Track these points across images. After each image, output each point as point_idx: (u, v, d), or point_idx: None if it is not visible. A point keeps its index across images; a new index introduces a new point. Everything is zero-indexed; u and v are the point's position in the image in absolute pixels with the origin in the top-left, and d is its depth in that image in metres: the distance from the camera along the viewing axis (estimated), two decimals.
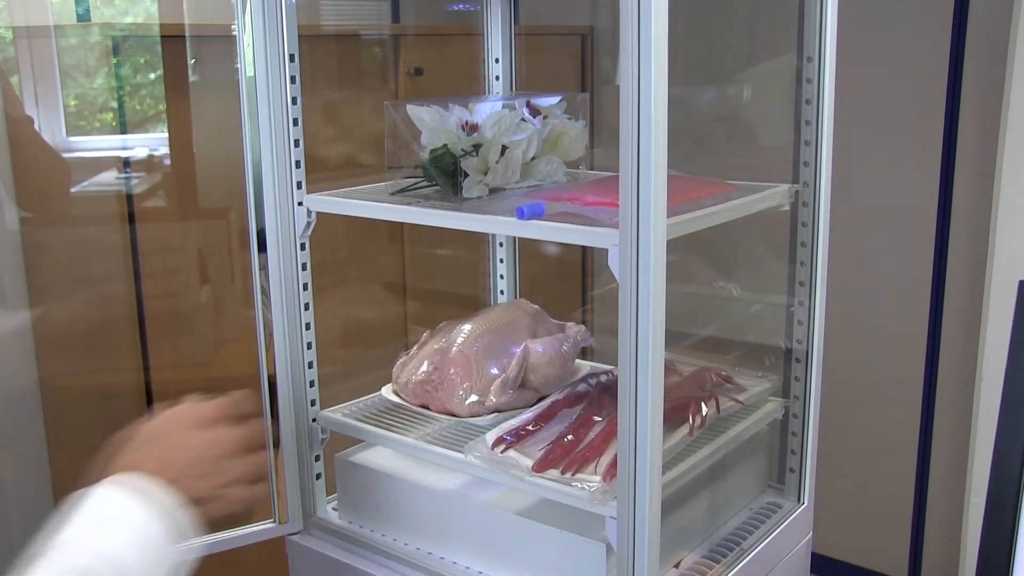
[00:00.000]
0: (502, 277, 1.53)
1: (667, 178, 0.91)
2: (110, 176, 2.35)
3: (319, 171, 1.29)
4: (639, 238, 0.92)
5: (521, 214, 1.02)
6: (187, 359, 2.42)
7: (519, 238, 1.52)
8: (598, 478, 1.05)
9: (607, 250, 0.95)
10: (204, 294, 2.49)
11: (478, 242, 1.62)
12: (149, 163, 2.41)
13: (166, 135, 2.39)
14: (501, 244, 1.52)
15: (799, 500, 1.31)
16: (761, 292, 1.58)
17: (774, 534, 1.24)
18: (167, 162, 2.40)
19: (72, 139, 2.42)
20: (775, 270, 1.58)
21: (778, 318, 1.38)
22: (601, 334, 3.02)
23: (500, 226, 1.06)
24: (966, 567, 2.29)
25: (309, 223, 1.22)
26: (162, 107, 2.45)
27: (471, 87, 1.83)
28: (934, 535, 2.56)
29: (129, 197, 2.28)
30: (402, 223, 2.71)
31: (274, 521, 1.28)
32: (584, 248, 3.08)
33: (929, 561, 2.59)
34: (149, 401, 2.28)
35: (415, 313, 2.76)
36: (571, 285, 3.04)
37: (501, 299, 1.54)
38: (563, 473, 1.07)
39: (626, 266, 0.93)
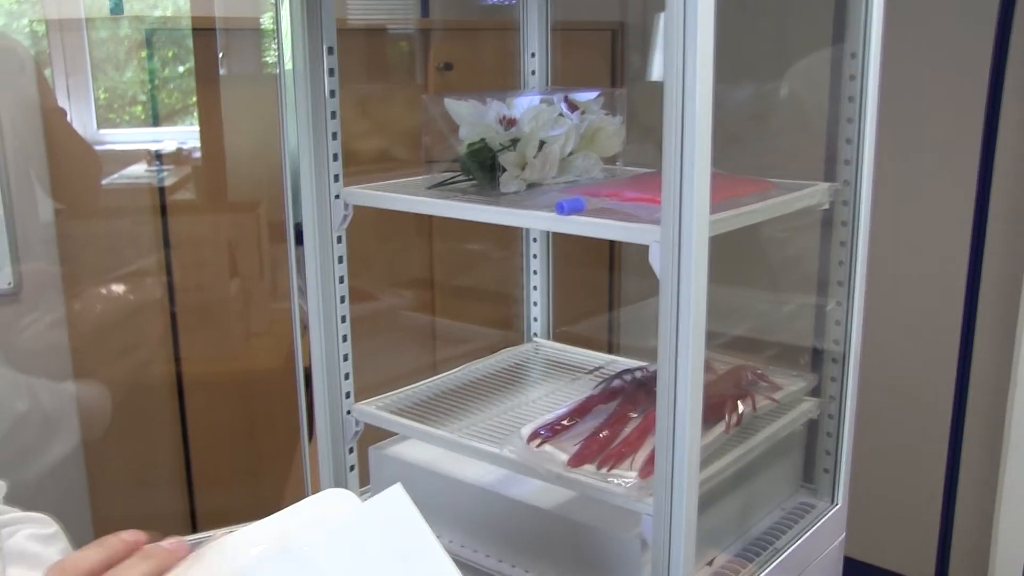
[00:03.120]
0: (535, 272, 1.53)
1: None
2: (139, 169, 2.36)
3: (349, 165, 1.30)
4: (681, 235, 0.91)
5: (561, 209, 1.02)
6: (217, 352, 2.44)
7: (553, 234, 1.52)
8: (634, 474, 1.04)
9: (647, 247, 0.95)
10: (233, 287, 2.50)
11: (511, 237, 1.62)
12: (178, 156, 2.43)
13: (195, 128, 2.40)
14: (535, 239, 1.52)
15: (833, 501, 1.30)
16: (795, 291, 1.57)
17: (807, 534, 1.23)
18: (196, 155, 2.41)
19: (102, 131, 2.44)
20: (810, 269, 1.57)
21: (813, 317, 1.38)
22: (630, 329, 3.02)
23: (539, 221, 1.06)
24: (995, 572, 2.27)
25: (346, 216, 1.22)
26: (191, 100, 2.47)
27: (502, 82, 1.83)
28: (962, 539, 2.54)
29: (161, 190, 2.30)
30: (431, 218, 2.72)
31: None
32: (612, 243, 3.07)
33: (956, 565, 2.57)
34: (180, 393, 2.29)
35: (444, 307, 2.77)
36: (598, 279, 3.04)
37: (533, 295, 1.54)
38: (599, 468, 1.07)
39: (667, 263, 0.92)
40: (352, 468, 1.29)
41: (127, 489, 2.49)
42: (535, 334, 1.55)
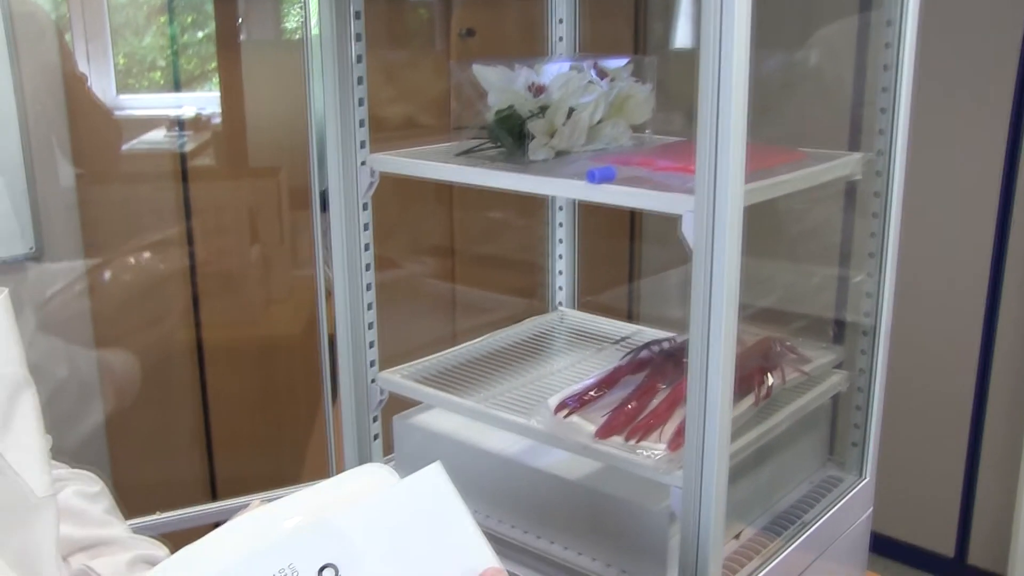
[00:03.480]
0: (561, 241, 1.51)
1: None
2: (159, 135, 2.35)
3: (373, 132, 1.28)
4: (715, 205, 0.90)
5: (592, 177, 1.01)
6: (237, 318, 2.44)
7: (580, 202, 1.51)
8: (663, 446, 1.04)
9: (674, 216, 0.94)
10: (253, 253, 2.49)
11: (536, 205, 1.61)
12: (197, 122, 2.42)
13: (214, 94, 2.38)
14: (561, 208, 1.50)
15: (861, 475, 1.29)
16: (822, 263, 1.55)
17: (835, 508, 1.22)
18: (215, 121, 2.40)
19: (122, 97, 2.43)
20: (837, 240, 1.55)
21: (842, 290, 1.36)
22: (653, 299, 3.00)
23: (570, 189, 1.05)
24: (1019, 544, 2.26)
25: (372, 183, 1.21)
26: (210, 66, 2.45)
27: (524, 49, 1.80)
28: (983, 515, 2.53)
29: (182, 155, 2.29)
30: (451, 185, 2.71)
31: None
32: (633, 212, 3.05)
33: (977, 540, 2.57)
34: (200, 360, 2.29)
35: (466, 276, 2.76)
36: (619, 248, 3.02)
37: (559, 263, 1.53)
38: (627, 440, 1.06)
39: (701, 233, 0.91)
40: (376, 437, 1.29)
41: (147, 455, 2.50)
42: (560, 303, 1.54)
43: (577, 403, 1.12)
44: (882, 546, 2.64)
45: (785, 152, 1.13)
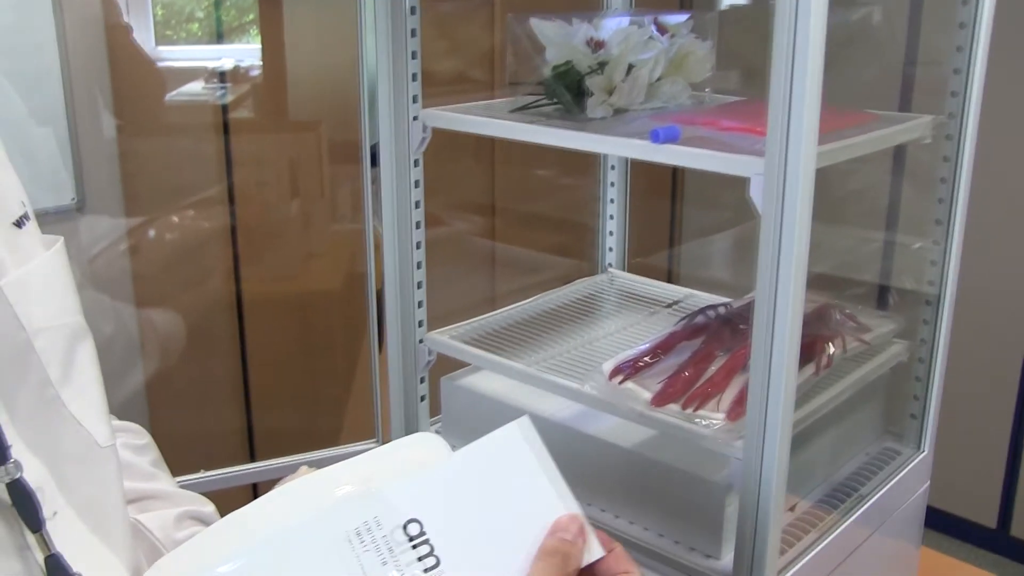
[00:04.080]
0: (612, 201, 1.48)
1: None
2: (197, 87, 2.33)
3: (423, 86, 1.25)
4: (787, 167, 0.86)
5: (656, 137, 0.97)
6: (276, 272, 2.42)
7: (632, 162, 1.47)
8: (721, 415, 1.01)
9: (726, 177, 0.90)
10: (294, 207, 2.48)
11: (586, 164, 1.57)
12: (236, 74, 2.39)
13: (253, 46, 2.36)
14: (612, 167, 1.47)
15: (919, 448, 1.26)
16: (884, 229, 1.51)
17: (892, 482, 1.19)
18: (254, 73, 2.37)
19: (160, 48, 2.40)
20: (903, 206, 1.51)
21: (903, 257, 1.32)
22: (701, 262, 2.96)
23: (632, 149, 1.01)
24: None
25: (424, 139, 1.18)
26: (247, 18, 2.42)
27: (576, 2, 1.75)
28: None
29: (223, 107, 2.27)
30: (493, 142, 2.67)
31: (377, 441, 1.26)
32: (675, 172, 3.00)
33: (1021, 510, 2.53)
34: (240, 313, 2.29)
35: (513, 235, 2.73)
36: (660, 209, 2.98)
37: (609, 224, 1.49)
38: (683, 408, 1.03)
39: (771, 197, 0.87)
40: (423, 398, 1.27)
41: (185, 407, 2.51)
42: (610, 264, 1.50)
43: (632, 369, 1.09)
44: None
45: (855, 114, 1.09)
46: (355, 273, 2.50)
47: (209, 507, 0.90)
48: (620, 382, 1.07)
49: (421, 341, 1.24)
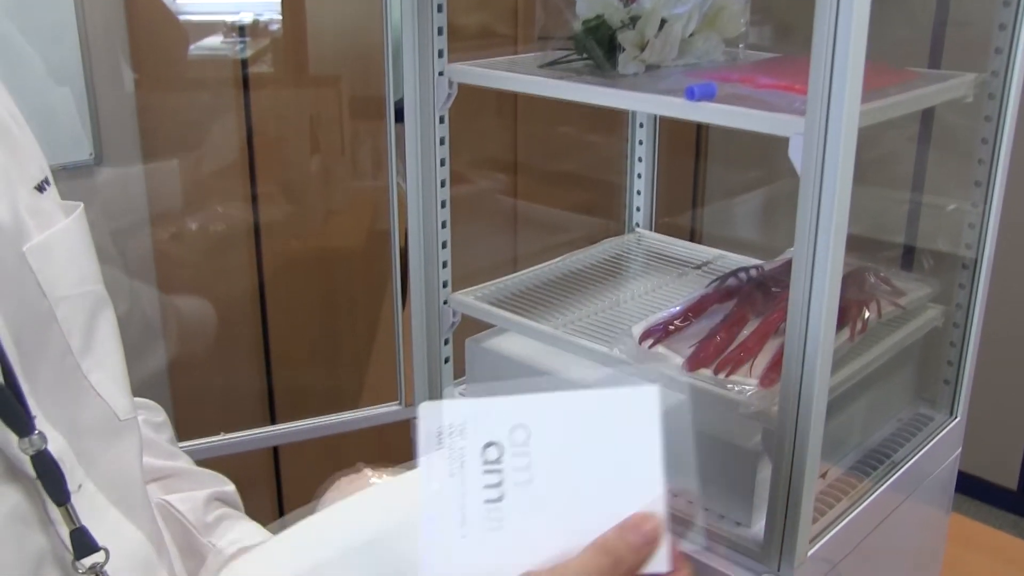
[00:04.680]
0: (640, 160, 1.45)
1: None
2: (216, 40, 2.30)
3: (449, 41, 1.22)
4: (828, 126, 0.83)
5: (691, 95, 0.94)
6: (296, 230, 2.40)
7: (661, 119, 1.44)
8: (754, 381, 0.99)
9: (764, 137, 0.87)
10: (314, 164, 2.45)
11: (612, 122, 1.54)
12: (255, 28, 2.36)
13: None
14: (641, 125, 1.43)
15: (951, 414, 1.23)
16: (918, 191, 1.48)
17: (925, 448, 1.17)
18: (274, 27, 2.34)
19: (179, 1, 2.37)
20: (937, 167, 1.47)
21: (939, 219, 1.29)
22: (728, 222, 2.92)
23: (667, 107, 0.98)
24: None
25: (450, 95, 1.15)
26: None
27: None
28: None
29: (242, 62, 2.24)
30: (515, 98, 2.63)
31: (399, 404, 1.25)
32: (699, 130, 2.96)
33: None
34: (260, 272, 2.27)
35: (538, 194, 2.69)
36: (683, 168, 2.94)
37: (637, 183, 1.46)
38: (716, 373, 1.01)
39: (811, 157, 0.84)
40: (447, 360, 1.25)
41: (205, 366, 2.50)
42: (637, 224, 1.48)
43: (663, 332, 1.07)
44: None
45: (896, 71, 1.05)
46: (376, 231, 2.47)
47: (230, 486, 0.88)
48: (651, 346, 1.05)
49: (446, 302, 1.22)
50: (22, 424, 0.56)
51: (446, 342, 1.24)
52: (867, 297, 1.12)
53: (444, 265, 1.21)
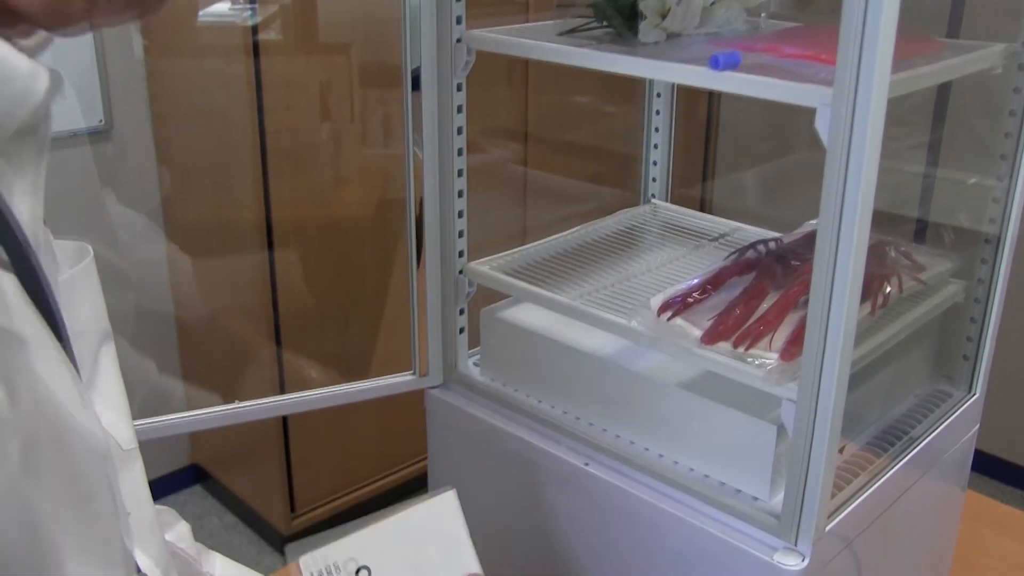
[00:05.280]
0: (657, 130, 1.43)
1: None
2: (224, 7, 2.27)
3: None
4: (857, 97, 0.81)
5: (716, 64, 0.92)
6: (306, 198, 2.39)
7: (679, 89, 1.42)
8: (774, 355, 0.97)
9: (814, 110, 0.85)
10: (324, 131, 2.43)
11: (628, 92, 1.52)
12: None
13: None
14: (658, 95, 1.42)
15: (970, 390, 1.22)
16: (939, 164, 1.46)
17: (943, 425, 1.16)
18: None
19: None
20: (958, 140, 1.45)
21: (960, 193, 1.28)
22: (739, 193, 2.90)
23: (690, 76, 0.96)
24: None
25: (468, 62, 1.13)
26: None
27: None
28: None
29: (253, 28, 2.21)
30: (527, 67, 2.61)
31: (414, 373, 1.24)
32: (710, 102, 2.93)
33: None
34: (269, 238, 2.26)
35: (552, 164, 2.67)
36: (694, 139, 2.92)
37: (653, 153, 1.45)
38: (734, 347, 1.00)
39: (838, 128, 0.83)
40: (462, 330, 1.24)
41: (215, 335, 2.50)
42: (652, 195, 1.46)
43: (681, 305, 1.06)
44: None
45: (925, 41, 1.03)
46: (386, 200, 2.46)
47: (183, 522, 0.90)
48: (669, 318, 1.04)
49: (461, 272, 1.21)
50: None
51: (461, 312, 1.23)
52: (888, 272, 1.11)
53: (460, 235, 1.20)
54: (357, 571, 0.85)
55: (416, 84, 1.14)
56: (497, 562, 1.26)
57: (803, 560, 0.95)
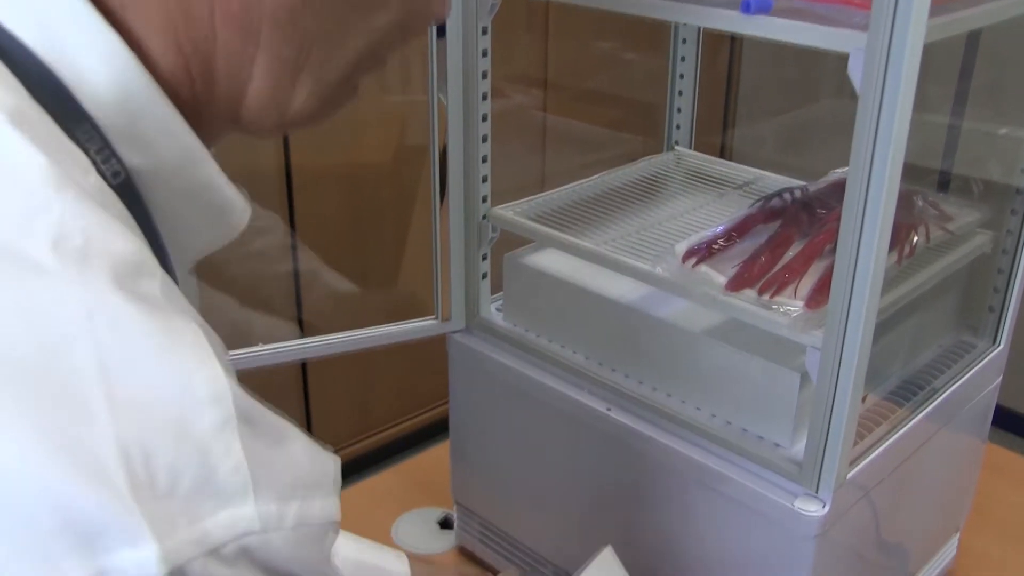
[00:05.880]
0: (682, 77, 1.42)
1: None
2: None
3: None
4: (892, 42, 0.80)
5: (747, 7, 0.91)
6: (326, 144, 2.38)
7: (705, 33, 1.40)
8: (799, 303, 0.97)
9: (847, 55, 0.84)
10: None
11: (652, 38, 1.50)
12: None
13: None
14: (684, 40, 1.40)
15: (995, 342, 1.22)
16: (972, 115, 1.44)
17: (966, 376, 1.16)
18: None
19: None
20: (989, 89, 1.44)
21: (992, 143, 1.26)
22: (763, 141, 2.88)
23: (720, 20, 0.95)
24: None
25: (494, 5, 1.12)
26: None
27: None
28: None
29: None
30: (546, 11, 2.58)
31: (436, 318, 1.24)
32: (732, 47, 2.90)
33: None
34: (289, 187, 2.26)
35: (574, 111, 2.65)
36: (715, 85, 2.89)
37: (678, 100, 1.43)
38: (759, 294, 1.00)
39: (871, 74, 0.82)
40: (485, 276, 1.24)
41: (234, 281, 2.50)
42: (676, 143, 1.45)
43: (706, 251, 1.05)
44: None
45: None
46: (405, 146, 2.45)
47: None
48: (694, 265, 1.04)
49: (484, 217, 1.21)
50: None
51: (484, 257, 1.23)
52: (916, 221, 1.10)
53: (484, 180, 1.20)
54: None
55: (441, 30, 1.13)
56: (517, 508, 1.27)
57: (823, 507, 0.95)
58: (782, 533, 0.98)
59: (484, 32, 1.14)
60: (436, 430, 2.63)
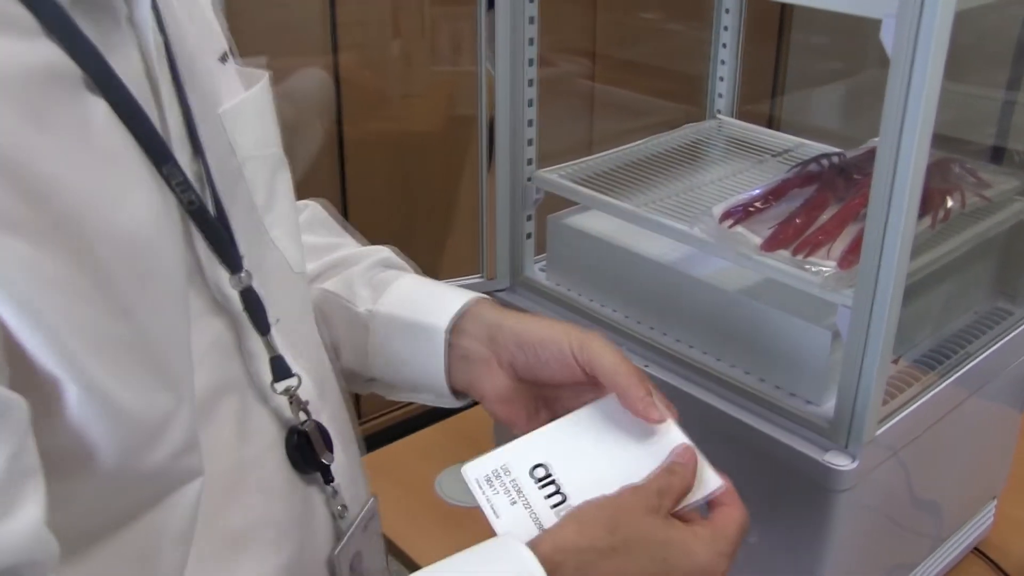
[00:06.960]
0: (724, 46, 1.44)
1: None
2: None
3: None
4: (923, 7, 0.82)
5: None
6: (377, 112, 2.43)
7: (751, 3, 1.42)
8: (832, 264, 1.00)
9: (879, 21, 0.87)
10: (395, 48, 2.46)
11: (696, 7, 1.53)
12: None
13: None
14: (727, 10, 1.42)
15: None
16: (1008, 83, 1.45)
17: (1001, 342, 1.18)
18: None
19: None
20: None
21: None
22: (804, 110, 2.88)
23: None
24: None
25: None
26: None
27: None
28: None
29: None
30: None
31: (482, 276, 1.28)
32: (783, 16, 2.90)
33: None
34: (341, 154, 2.31)
35: (619, 79, 2.67)
36: (764, 55, 2.89)
37: (720, 69, 1.46)
38: (794, 255, 1.03)
39: (903, 40, 0.84)
40: (529, 236, 1.28)
41: None
42: (718, 111, 1.48)
43: (742, 213, 1.08)
44: None
45: None
46: (454, 115, 2.49)
47: (384, 252, 0.98)
48: (730, 226, 1.07)
49: (530, 179, 1.25)
50: (234, 262, 0.63)
51: (528, 218, 1.27)
52: (951, 186, 1.12)
53: (530, 143, 1.23)
54: (532, 469, 0.73)
55: (491, 2, 1.17)
56: None
57: (853, 461, 0.98)
58: (812, 487, 1.02)
59: (531, 0, 1.18)
60: None
